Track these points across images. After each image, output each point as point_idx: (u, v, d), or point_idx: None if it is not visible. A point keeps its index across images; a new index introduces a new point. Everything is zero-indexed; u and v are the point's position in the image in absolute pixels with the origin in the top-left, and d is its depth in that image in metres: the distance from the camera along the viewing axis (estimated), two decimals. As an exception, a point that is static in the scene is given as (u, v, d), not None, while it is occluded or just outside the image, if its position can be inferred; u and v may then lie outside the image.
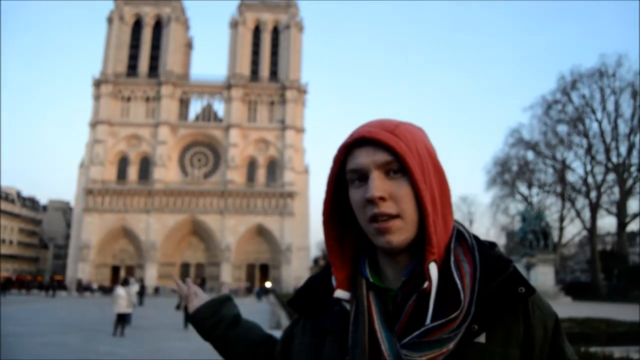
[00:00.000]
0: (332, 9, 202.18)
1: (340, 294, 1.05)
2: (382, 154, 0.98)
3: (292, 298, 1.17)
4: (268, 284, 72.39)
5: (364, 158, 0.99)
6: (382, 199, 0.96)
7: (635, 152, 51.26)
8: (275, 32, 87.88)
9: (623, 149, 52.09)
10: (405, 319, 0.97)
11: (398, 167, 0.98)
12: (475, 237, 1.08)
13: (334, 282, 1.07)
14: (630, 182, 51.09)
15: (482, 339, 0.94)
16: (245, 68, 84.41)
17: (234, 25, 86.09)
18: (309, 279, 1.19)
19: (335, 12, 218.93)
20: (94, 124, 79.16)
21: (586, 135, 54.46)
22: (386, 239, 0.97)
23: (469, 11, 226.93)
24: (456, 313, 0.93)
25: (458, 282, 0.96)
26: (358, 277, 1.06)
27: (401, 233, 0.97)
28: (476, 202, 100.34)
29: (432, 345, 0.92)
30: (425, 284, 0.95)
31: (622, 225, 50.87)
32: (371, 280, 1.04)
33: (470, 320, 0.93)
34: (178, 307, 18.91)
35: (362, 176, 1.00)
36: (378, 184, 0.97)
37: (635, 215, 51.83)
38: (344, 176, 1.04)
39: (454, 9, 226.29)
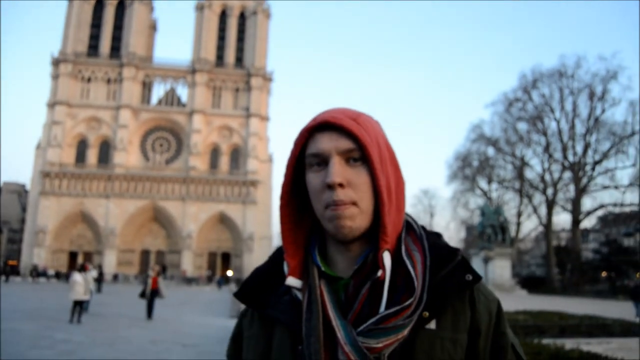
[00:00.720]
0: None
1: (292, 281, 1.02)
2: (345, 141, 0.99)
3: (238, 289, 1.13)
4: (229, 273, 72.07)
5: (326, 143, 0.99)
6: (341, 185, 0.96)
7: (590, 152, 53.11)
8: (242, 17, 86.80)
9: (579, 148, 53.92)
10: (358, 307, 0.97)
11: (359, 155, 0.99)
12: (423, 228, 1.10)
13: (285, 269, 1.05)
14: (584, 180, 52.84)
15: (432, 325, 0.97)
16: (210, 53, 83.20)
17: (200, 8, 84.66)
18: (255, 270, 1.15)
19: (301, 2, 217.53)
20: (52, 105, 76.77)
21: (545, 134, 56.03)
22: (340, 223, 0.97)
23: (434, 8, 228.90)
24: (411, 300, 0.94)
25: (411, 270, 0.98)
26: (310, 265, 1.04)
27: (355, 220, 0.97)
28: (437, 196, 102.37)
29: (389, 331, 0.93)
30: (379, 273, 0.96)
31: (576, 221, 52.60)
32: (323, 268, 1.03)
33: (422, 307, 0.96)
34: (142, 295, 17.65)
35: (322, 161, 1.00)
36: (338, 170, 0.97)
37: (588, 213, 53.68)
38: (302, 160, 1.04)
39: (421, 7, 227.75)
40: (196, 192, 76.32)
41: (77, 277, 16.31)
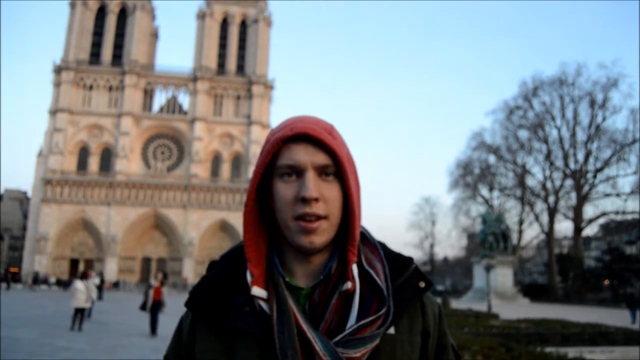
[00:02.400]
0: (302, 7, 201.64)
1: (257, 291, 1.00)
2: (321, 155, 0.99)
3: (189, 299, 1.08)
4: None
5: (302, 156, 0.98)
6: (316, 199, 0.97)
7: (591, 159, 53.08)
8: (243, 25, 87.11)
9: (580, 156, 53.90)
10: (329, 318, 0.98)
11: (333, 170, 1.00)
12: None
13: (249, 279, 1.02)
14: (586, 188, 52.78)
15: (391, 330, 1.01)
16: (212, 61, 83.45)
17: (201, 16, 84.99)
18: (204, 279, 1.12)
19: (302, 11, 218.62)
20: (53, 112, 76.91)
21: (546, 142, 56.04)
22: (310, 239, 0.97)
23: (435, 16, 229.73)
24: (384, 310, 0.98)
25: (377, 279, 1.02)
26: (275, 275, 1.03)
27: (323, 234, 0.98)
28: (439, 204, 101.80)
29: (366, 341, 0.95)
30: (349, 285, 0.98)
31: (578, 229, 52.48)
32: (287, 279, 1.03)
33: (392, 316, 1.00)
34: (143, 307, 15.93)
35: (294, 172, 0.99)
36: (314, 185, 0.97)
37: (590, 220, 53.57)
38: (268, 168, 1.03)
39: (421, 15, 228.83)
40: (197, 200, 76.34)
41: (78, 284, 16.28)
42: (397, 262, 1.08)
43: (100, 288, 30.51)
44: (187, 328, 1.10)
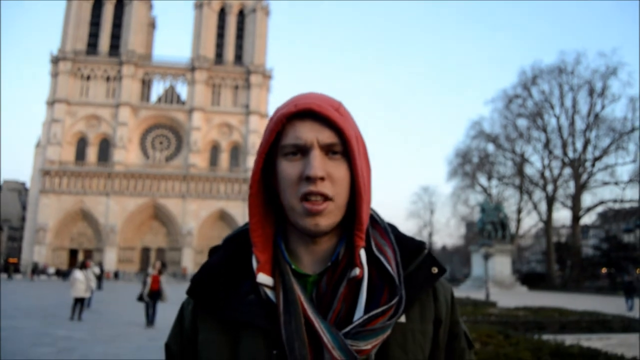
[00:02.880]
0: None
1: (263, 278, 0.94)
2: (328, 133, 0.93)
3: (191, 287, 1.02)
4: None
5: (308, 133, 0.92)
6: (322, 179, 0.91)
7: (590, 148, 53.09)
8: (241, 15, 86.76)
9: (579, 145, 53.92)
10: (338, 307, 0.93)
11: (340, 149, 0.94)
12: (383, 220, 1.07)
13: (254, 265, 0.96)
14: (584, 176, 52.84)
15: (402, 318, 0.95)
16: (209, 51, 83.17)
17: (199, 6, 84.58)
18: (206, 265, 1.05)
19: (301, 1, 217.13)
20: (51, 103, 76.77)
21: (544, 130, 56.00)
22: (315, 221, 0.92)
23: (434, 5, 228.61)
24: (396, 299, 0.92)
25: (387, 266, 0.96)
26: (281, 262, 0.97)
27: (330, 217, 0.93)
28: (437, 193, 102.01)
29: (377, 332, 0.90)
30: (357, 271, 0.93)
31: (576, 218, 52.62)
32: (293, 266, 0.97)
33: (404, 305, 0.94)
34: (140, 299, 15.53)
35: (299, 150, 0.93)
36: (320, 163, 0.91)
37: (588, 209, 53.69)
38: (272, 147, 0.97)
39: (420, 4, 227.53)
40: (196, 190, 76.40)
41: (77, 274, 16.32)
42: (408, 246, 1.02)
43: (100, 278, 30.59)
44: (189, 316, 1.04)
